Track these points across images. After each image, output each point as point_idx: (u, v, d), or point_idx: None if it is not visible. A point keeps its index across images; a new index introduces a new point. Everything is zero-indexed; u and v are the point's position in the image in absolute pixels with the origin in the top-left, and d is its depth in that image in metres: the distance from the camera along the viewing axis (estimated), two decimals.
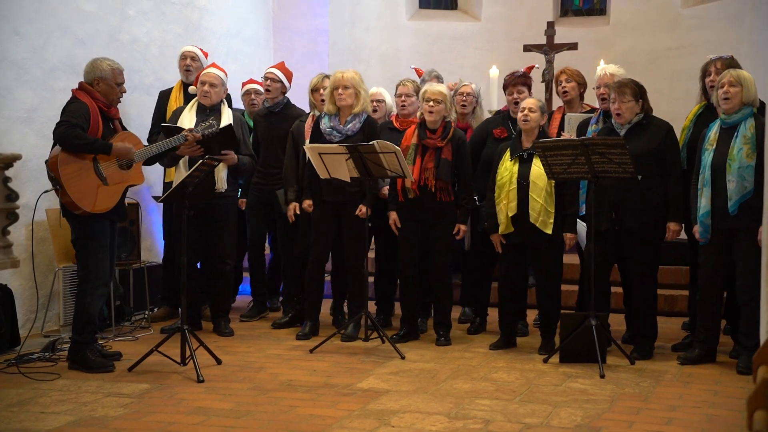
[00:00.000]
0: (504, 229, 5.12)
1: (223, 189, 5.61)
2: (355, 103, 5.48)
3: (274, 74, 6.28)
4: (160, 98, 6.42)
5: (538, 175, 4.98)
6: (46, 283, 5.76)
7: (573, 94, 5.87)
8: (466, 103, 5.90)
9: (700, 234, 4.74)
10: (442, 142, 5.32)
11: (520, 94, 5.59)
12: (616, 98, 4.93)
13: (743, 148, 4.56)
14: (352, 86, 5.46)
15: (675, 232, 4.92)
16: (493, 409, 3.96)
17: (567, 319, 4.94)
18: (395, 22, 9.94)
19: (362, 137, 5.41)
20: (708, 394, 4.26)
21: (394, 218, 5.43)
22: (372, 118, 5.66)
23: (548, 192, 4.99)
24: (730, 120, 4.67)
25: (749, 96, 4.64)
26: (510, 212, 5.06)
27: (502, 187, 5.11)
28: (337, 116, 5.54)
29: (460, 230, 5.38)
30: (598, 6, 10.13)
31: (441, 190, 5.31)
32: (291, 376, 4.63)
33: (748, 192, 4.55)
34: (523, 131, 5.15)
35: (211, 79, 5.71)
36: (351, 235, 5.55)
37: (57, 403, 4.10)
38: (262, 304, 6.53)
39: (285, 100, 6.31)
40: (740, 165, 4.55)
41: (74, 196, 4.65)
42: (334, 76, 5.55)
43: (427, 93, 5.34)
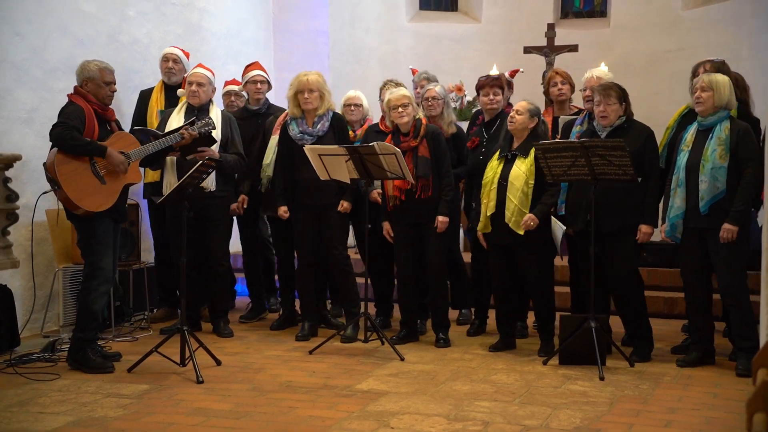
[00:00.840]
0: (482, 227, 5.16)
1: (212, 188, 5.59)
2: (320, 104, 5.53)
3: (262, 76, 6.30)
4: (141, 98, 6.38)
5: (517, 175, 5.01)
6: (46, 283, 5.76)
7: (567, 96, 5.95)
8: (432, 106, 5.88)
9: (666, 233, 4.82)
10: (416, 141, 5.36)
11: (495, 96, 5.65)
12: (601, 100, 4.96)
13: (717, 149, 4.61)
14: (317, 89, 5.52)
15: (646, 234, 4.94)
16: (492, 410, 3.96)
17: (566, 321, 4.93)
18: (395, 23, 9.94)
19: (333, 135, 5.52)
20: (707, 396, 4.26)
21: (387, 228, 5.48)
22: (339, 115, 5.73)
23: (525, 192, 5.01)
24: (706, 122, 4.73)
25: (721, 100, 4.68)
26: (489, 211, 5.10)
27: (485, 186, 5.16)
28: (304, 119, 5.58)
29: (439, 222, 5.34)
30: (599, 8, 10.13)
31: (423, 188, 5.33)
32: (290, 377, 4.63)
33: (720, 192, 4.61)
34: (512, 133, 5.17)
35: (199, 78, 5.71)
36: (334, 236, 5.59)
37: (56, 404, 4.10)
38: (261, 305, 6.53)
39: (267, 101, 6.35)
40: (713, 166, 4.60)
41: (72, 196, 4.67)
42: (298, 80, 5.57)
43: (392, 101, 5.37)
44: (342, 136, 5.59)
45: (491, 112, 5.71)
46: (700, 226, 4.70)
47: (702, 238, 4.73)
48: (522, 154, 5.07)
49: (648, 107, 7.41)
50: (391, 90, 5.57)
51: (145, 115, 6.18)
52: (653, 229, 4.95)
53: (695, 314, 4.88)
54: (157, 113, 6.10)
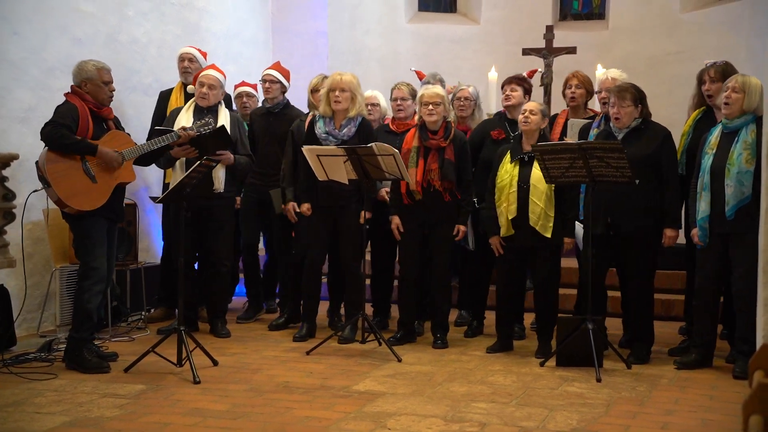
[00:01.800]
0: (505, 231, 5.12)
1: (221, 189, 5.61)
2: (351, 107, 5.46)
3: (272, 76, 6.28)
4: (160, 99, 6.42)
5: (539, 178, 4.98)
6: (42, 283, 5.75)
7: (580, 101, 5.88)
8: (464, 107, 5.92)
9: (699, 237, 4.74)
10: (445, 142, 5.33)
11: (513, 92, 5.62)
12: (615, 102, 4.94)
13: (743, 153, 4.56)
14: (349, 90, 5.44)
15: (671, 238, 4.92)
16: (489, 412, 3.96)
17: (564, 323, 4.93)
18: (395, 24, 9.94)
19: (358, 141, 5.38)
20: (704, 398, 4.26)
21: (396, 223, 5.43)
22: (367, 121, 5.64)
23: (548, 196, 4.99)
24: (732, 125, 4.67)
25: (751, 104, 4.62)
26: (510, 215, 5.06)
27: (502, 189, 5.10)
28: (332, 120, 5.52)
29: (459, 231, 5.37)
30: (597, 10, 10.14)
31: (447, 191, 5.31)
32: (287, 377, 4.63)
33: (745, 197, 4.55)
34: (524, 133, 5.16)
35: (210, 80, 5.70)
36: (347, 238, 5.54)
37: (52, 404, 4.09)
38: (258, 306, 6.52)
39: (285, 101, 6.32)
40: (739, 170, 4.55)
41: (62, 195, 4.66)
42: (332, 78, 5.53)
43: (425, 96, 5.34)
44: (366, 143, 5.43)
45: (509, 109, 5.65)
46: (725, 231, 4.64)
47: (725, 243, 4.67)
48: None
49: None
50: (427, 86, 5.53)
51: (164, 116, 6.17)
52: (678, 232, 4.92)
53: (702, 318, 4.82)
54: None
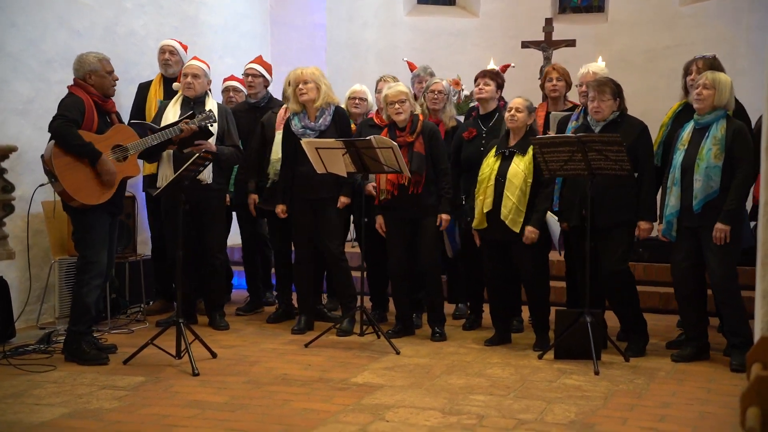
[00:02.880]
0: (477, 224, 5.15)
1: (209, 181, 5.59)
2: (317, 96, 5.50)
3: (255, 70, 6.28)
4: (139, 90, 6.39)
5: (515, 173, 5.00)
6: (42, 275, 5.75)
7: (561, 92, 5.94)
8: (437, 100, 5.89)
9: (662, 232, 4.83)
10: (412, 136, 5.35)
11: (486, 86, 5.64)
12: (595, 96, 4.97)
13: (712, 148, 4.62)
14: (312, 81, 5.50)
15: (646, 230, 4.95)
16: (487, 404, 3.97)
17: (562, 316, 4.94)
18: (393, 17, 9.93)
19: (335, 130, 5.50)
20: (701, 391, 4.27)
21: (380, 223, 5.48)
22: (342, 109, 5.71)
23: (523, 191, 5.00)
24: (703, 120, 4.73)
25: (721, 100, 4.68)
26: (485, 208, 5.09)
27: (481, 182, 5.15)
28: (305, 114, 5.56)
29: (441, 220, 5.36)
30: (597, 3, 10.13)
31: (415, 184, 5.32)
32: (286, 370, 4.64)
33: (713, 192, 4.61)
34: (511, 130, 5.17)
35: (194, 70, 5.70)
36: (330, 230, 5.58)
37: (51, 395, 4.10)
38: (258, 299, 6.53)
39: (268, 95, 6.35)
40: (708, 165, 4.60)
41: (69, 188, 4.66)
42: (293, 73, 5.59)
43: (390, 96, 5.36)
44: (344, 131, 5.58)
45: (482, 102, 5.71)
46: (693, 225, 4.70)
47: (695, 236, 4.74)
48: (520, 152, 5.07)
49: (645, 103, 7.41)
50: (390, 85, 5.56)
51: (143, 108, 6.18)
52: (652, 225, 4.95)
53: (688, 310, 4.90)
54: (157, 103, 6.10)
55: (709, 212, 4.62)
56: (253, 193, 6.04)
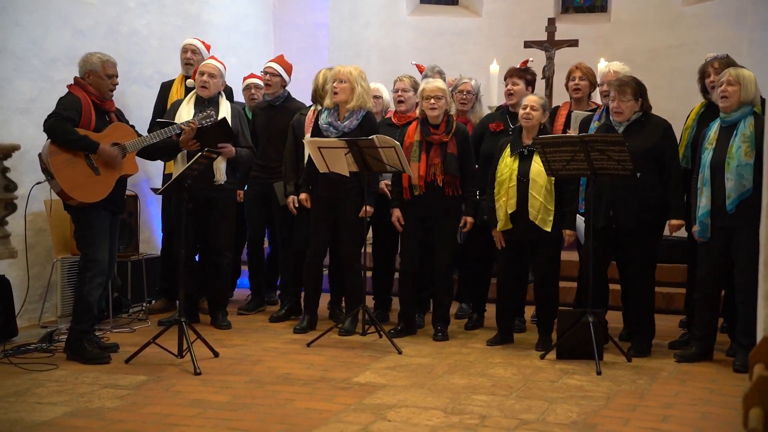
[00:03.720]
0: (503, 226, 5.12)
1: (222, 181, 5.61)
2: (350, 98, 5.44)
3: (273, 68, 6.27)
4: (162, 90, 6.42)
5: (538, 172, 4.98)
6: (44, 274, 5.75)
7: (584, 92, 5.86)
8: (465, 100, 5.92)
9: (698, 233, 4.75)
10: (447, 136, 5.32)
11: (515, 86, 5.62)
12: (615, 96, 4.93)
13: (742, 146, 4.55)
14: (347, 81, 5.43)
15: (676, 227, 4.92)
16: (489, 404, 3.97)
17: (564, 316, 4.94)
18: (395, 17, 9.92)
19: (359, 134, 5.37)
20: (704, 391, 4.27)
21: (397, 215, 5.42)
22: (371, 114, 5.62)
23: (548, 189, 4.99)
24: (730, 118, 4.66)
25: (747, 95, 4.62)
26: (509, 209, 5.06)
27: (502, 183, 5.10)
28: (336, 111, 5.52)
29: (467, 222, 5.36)
30: (599, 3, 10.11)
31: (449, 185, 5.31)
32: (288, 369, 4.64)
33: (746, 190, 4.55)
34: (524, 128, 5.15)
35: (210, 69, 5.70)
36: (348, 231, 5.55)
37: (53, 394, 4.10)
38: (261, 298, 6.53)
39: (285, 94, 6.31)
40: (739, 163, 4.54)
41: (65, 186, 4.66)
42: (334, 70, 5.54)
43: (426, 90, 5.33)
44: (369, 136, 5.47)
45: (509, 101, 5.66)
46: (727, 225, 4.64)
47: (727, 237, 4.67)
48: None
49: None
50: (428, 80, 5.52)
51: (166, 107, 6.16)
52: (682, 223, 4.90)
53: (704, 311, 4.82)
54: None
55: (743, 211, 4.55)
56: (293, 194, 5.79)
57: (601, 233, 4.94)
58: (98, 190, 4.77)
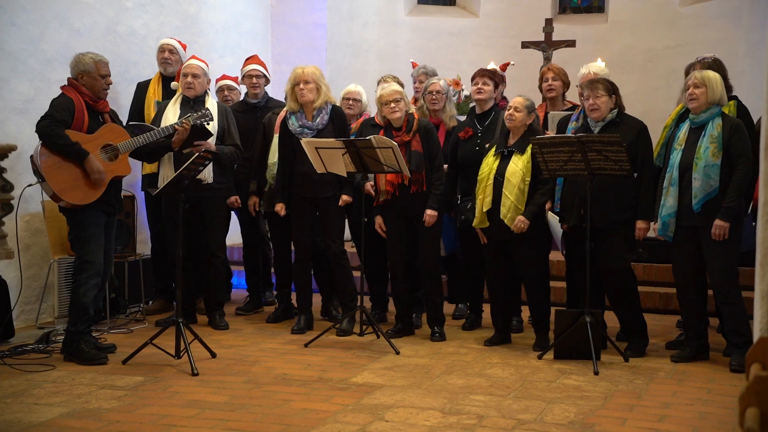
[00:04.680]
0: (478, 223, 5.16)
1: (209, 180, 5.59)
2: (317, 97, 5.50)
3: (258, 71, 6.29)
4: (138, 90, 6.37)
5: (513, 171, 5.02)
6: (41, 274, 5.75)
7: (557, 92, 5.95)
8: (436, 100, 5.87)
9: (658, 231, 4.82)
10: (408, 135, 5.36)
11: (486, 86, 5.63)
12: (590, 94, 4.98)
13: (710, 147, 4.62)
14: (313, 81, 5.49)
15: (643, 230, 4.93)
16: (487, 404, 3.97)
17: (562, 316, 4.94)
18: (393, 17, 9.93)
19: (333, 129, 5.49)
20: (701, 391, 4.27)
21: (379, 223, 5.48)
22: (339, 108, 5.71)
23: (521, 189, 5.01)
24: (698, 120, 4.73)
25: (714, 95, 4.69)
26: (485, 207, 5.10)
27: (481, 181, 5.16)
28: (302, 113, 5.56)
29: (427, 216, 5.32)
30: (597, 3, 10.12)
31: (416, 182, 5.32)
32: (285, 370, 4.63)
33: (713, 190, 4.61)
34: (510, 130, 5.18)
35: (194, 70, 5.70)
36: (332, 228, 5.58)
37: (50, 395, 4.09)
38: (258, 299, 6.53)
39: (266, 95, 6.35)
40: (706, 164, 4.60)
41: (56, 188, 4.66)
42: (294, 72, 5.56)
43: (384, 96, 5.37)
44: (342, 130, 5.58)
45: (479, 102, 5.69)
46: (693, 224, 4.70)
47: (695, 236, 4.73)
48: (519, 151, 5.08)
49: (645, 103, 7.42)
50: (383, 86, 5.56)
51: (143, 107, 6.17)
52: (649, 224, 4.95)
53: (688, 311, 4.91)
54: (154, 104, 6.09)
55: (709, 211, 4.62)
56: (255, 195, 6.02)
57: (572, 232, 4.97)
58: (90, 192, 4.75)
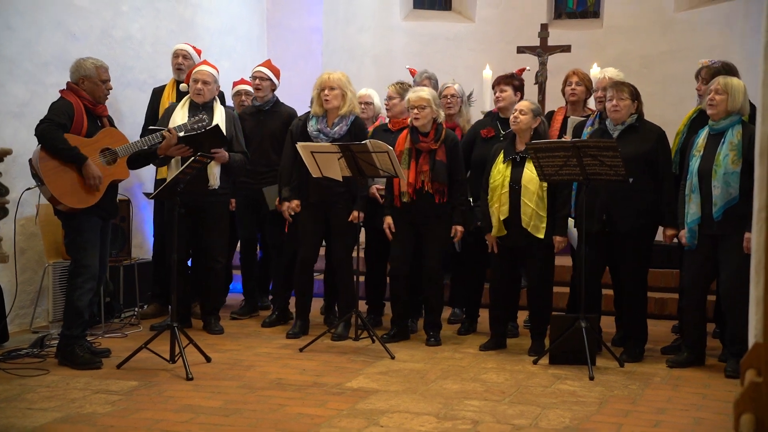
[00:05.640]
0: (496, 232, 5.13)
1: (216, 186, 5.60)
2: (342, 104, 5.47)
3: (263, 73, 6.27)
4: (153, 95, 6.40)
5: (530, 179, 4.99)
6: (35, 279, 5.73)
7: (580, 97, 5.85)
8: (451, 104, 5.88)
9: (687, 239, 4.76)
10: (436, 144, 5.33)
11: (503, 92, 5.63)
12: (614, 95, 4.94)
13: (729, 154, 4.58)
14: (338, 87, 5.45)
15: (669, 237, 4.93)
16: (482, 409, 3.97)
17: (557, 321, 4.94)
18: (389, 22, 9.94)
19: (350, 139, 5.39)
20: (696, 397, 4.27)
21: (389, 223, 5.43)
22: (360, 120, 5.65)
23: (540, 196, 5.00)
24: (718, 126, 4.69)
25: (735, 104, 4.63)
26: (502, 216, 5.07)
27: (495, 190, 5.12)
28: (324, 118, 5.54)
29: (457, 232, 5.36)
30: (592, 9, 10.15)
31: (438, 192, 5.32)
32: (280, 374, 4.63)
33: (733, 198, 4.57)
34: (516, 133, 5.16)
35: (204, 76, 5.69)
36: (339, 236, 5.56)
37: (44, 400, 4.08)
38: (254, 303, 6.52)
39: (274, 98, 6.32)
40: (726, 171, 4.56)
41: (55, 192, 4.65)
42: (320, 78, 5.54)
43: (411, 101, 5.35)
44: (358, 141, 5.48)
45: (501, 109, 5.66)
46: (713, 233, 4.65)
47: (713, 244, 4.68)
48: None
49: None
50: (414, 89, 5.52)
51: (158, 112, 6.15)
52: (677, 231, 4.88)
53: (691, 317, 4.86)
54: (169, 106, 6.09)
55: (730, 219, 4.56)
56: (287, 200, 5.71)
57: (594, 238, 4.95)
58: (88, 196, 4.75)
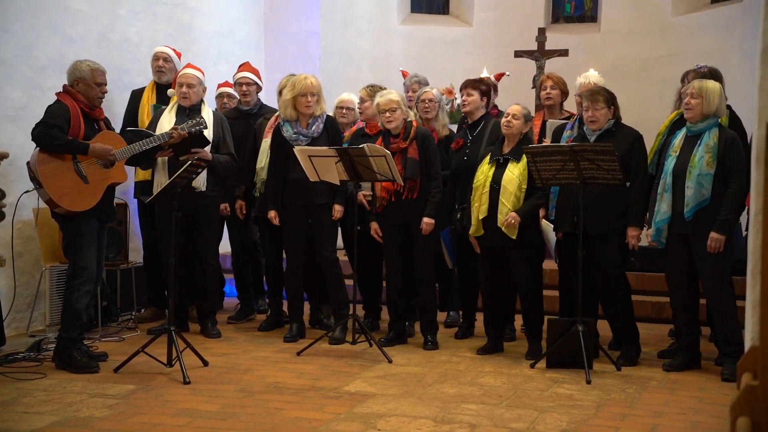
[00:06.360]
0: (474, 231, 5.17)
1: (203, 188, 5.59)
2: (317, 108, 5.57)
3: (249, 78, 6.30)
4: (132, 97, 6.37)
5: (509, 179, 5.03)
6: (32, 282, 5.73)
7: (556, 101, 5.94)
8: (429, 109, 5.87)
9: (652, 237, 4.84)
10: (405, 142, 5.37)
11: (469, 96, 5.65)
12: (589, 106, 4.99)
13: (704, 156, 4.64)
14: (317, 93, 5.56)
15: (633, 237, 4.94)
16: (479, 413, 3.97)
17: (554, 325, 4.94)
18: (387, 26, 9.94)
19: (327, 137, 5.54)
20: (693, 400, 4.28)
21: (374, 228, 5.47)
22: (332, 117, 5.78)
23: (517, 197, 5.03)
24: (695, 129, 4.75)
25: (710, 107, 4.69)
26: (481, 215, 5.11)
27: (477, 189, 5.17)
28: (297, 121, 5.59)
29: (424, 224, 5.32)
30: (590, 13, 10.15)
31: (411, 189, 5.33)
32: (278, 378, 4.62)
33: (705, 199, 4.63)
34: (506, 137, 5.19)
35: (189, 80, 5.70)
36: (324, 237, 5.59)
37: (41, 404, 4.07)
38: (250, 307, 6.51)
39: (260, 102, 6.35)
40: (700, 173, 4.62)
41: (53, 195, 4.65)
42: (299, 83, 5.53)
43: (380, 105, 5.38)
44: (335, 138, 5.61)
45: (467, 113, 5.72)
46: (684, 232, 4.72)
47: (686, 244, 4.75)
48: (514, 159, 5.09)
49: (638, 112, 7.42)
50: (381, 93, 5.56)
51: (137, 114, 6.16)
52: (641, 232, 4.97)
53: (680, 318, 4.92)
54: (150, 108, 6.09)
55: (700, 220, 4.64)
56: (241, 199, 6.04)
57: (567, 239, 4.98)
58: (87, 199, 4.75)
